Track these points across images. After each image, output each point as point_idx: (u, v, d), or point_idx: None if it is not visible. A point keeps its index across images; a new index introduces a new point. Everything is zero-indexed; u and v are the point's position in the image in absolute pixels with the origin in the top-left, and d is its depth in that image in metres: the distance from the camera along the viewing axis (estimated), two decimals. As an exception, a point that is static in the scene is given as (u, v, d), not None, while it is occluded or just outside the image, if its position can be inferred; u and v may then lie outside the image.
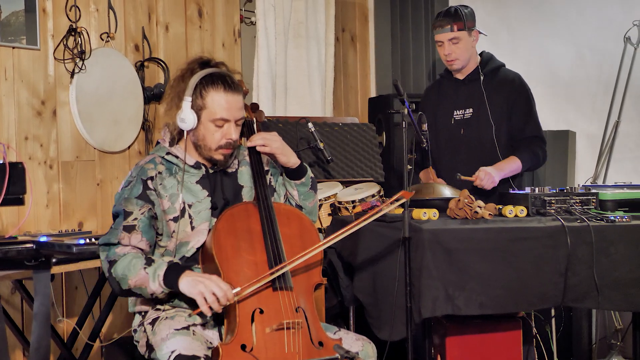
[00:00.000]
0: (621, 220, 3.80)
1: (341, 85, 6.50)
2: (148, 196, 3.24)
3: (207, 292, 3.00)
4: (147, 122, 5.00)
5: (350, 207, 4.65)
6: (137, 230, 3.19)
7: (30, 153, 4.38)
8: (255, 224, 3.26)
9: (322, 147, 4.90)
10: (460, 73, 4.81)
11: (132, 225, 3.19)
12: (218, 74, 3.28)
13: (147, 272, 3.08)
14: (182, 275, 3.07)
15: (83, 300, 4.52)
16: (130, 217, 3.19)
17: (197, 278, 3.05)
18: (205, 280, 3.03)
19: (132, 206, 3.21)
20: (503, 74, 4.80)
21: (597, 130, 6.00)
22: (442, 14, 4.73)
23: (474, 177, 4.42)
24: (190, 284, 3.04)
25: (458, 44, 4.67)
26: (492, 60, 4.83)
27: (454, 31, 4.65)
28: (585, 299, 3.74)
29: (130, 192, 3.23)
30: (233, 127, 3.29)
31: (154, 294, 3.12)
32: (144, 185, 3.24)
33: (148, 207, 3.22)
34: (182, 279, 3.06)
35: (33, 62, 4.41)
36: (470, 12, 4.73)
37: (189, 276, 3.07)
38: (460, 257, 3.60)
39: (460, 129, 4.76)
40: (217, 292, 3.01)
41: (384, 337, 3.73)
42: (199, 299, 3.01)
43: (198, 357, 3.00)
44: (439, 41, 4.72)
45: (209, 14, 5.42)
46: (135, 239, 3.18)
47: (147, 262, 3.11)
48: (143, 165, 3.30)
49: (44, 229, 4.37)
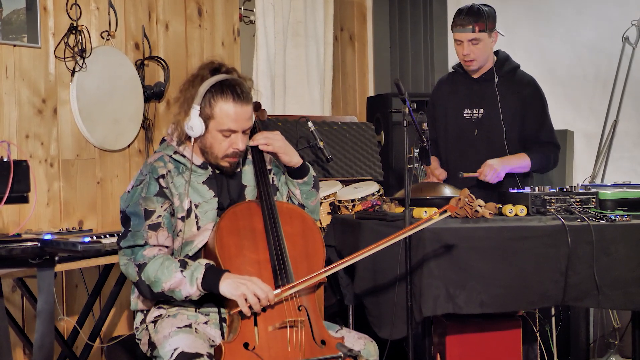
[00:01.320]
0: (621, 220, 3.82)
1: (340, 84, 6.52)
2: (165, 193, 3.23)
3: (249, 293, 3.01)
4: (147, 120, 5.01)
5: (350, 206, 4.66)
6: (163, 227, 3.19)
7: (31, 151, 4.38)
8: (258, 222, 3.27)
9: (322, 146, 4.90)
10: (476, 72, 4.73)
11: (157, 223, 3.18)
12: (228, 82, 3.24)
13: (184, 276, 3.08)
14: (222, 277, 3.07)
15: (83, 299, 4.52)
16: (154, 215, 3.18)
17: (238, 280, 3.05)
18: (247, 282, 3.04)
19: (153, 204, 3.19)
20: (519, 76, 4.71)
21: (595, 130, 6.01)
22: (464, 12, 4.57)
23: (478, 172, 4.41)
24: (232, 285, 3.04)
25: (478, 45, 4.55)
26: (509, 61, 4.74)
27: (475, 32, 4.52)
28: (585, 298, 3.74)
29: (148, 190, 3.21)
30: (240, 136, 3.27)
31: (188, 296, 3.11)
32: (157, 183, 3.23)
33: (169, 203, 3.22)
34: (223, 281, 3.06)
35: (34, 60, 4.41)
36: (492, 12, 4.60)
37: (230, 278, 3.06)
38: (461, 256, 3.60)
39: (470, 128, 4.71)
40: (259, 294, 3.02)
41: (385, 336, 3.74)
42: (240, 301, 3.02)
43: (201, 355, 3.00)
44: (459, 40, 4.59)
45: (208, 12, 5.42)
46: (162, 237, 3.18)
47: (182, 264, 3.10)
48: (153, 164, 3.29)
49: (44, 227, 4.37)
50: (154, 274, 3.09)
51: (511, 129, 4.61)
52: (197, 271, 3.08)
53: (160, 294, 3.12)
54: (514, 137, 4.62)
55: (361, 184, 4.95)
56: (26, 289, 4.14)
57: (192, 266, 3.10)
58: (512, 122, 4.62)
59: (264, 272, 3.17)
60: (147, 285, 3.11)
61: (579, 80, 6.16)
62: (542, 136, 4.63)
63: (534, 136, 4.63)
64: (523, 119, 4.64)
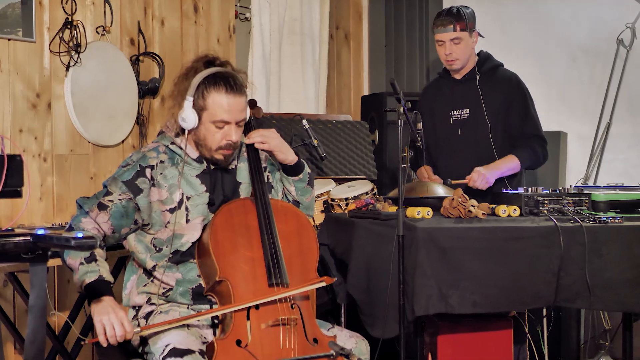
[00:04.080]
0: (614, 222, 3.82)
1: (334, 83, 6.52)
2: (137, 185, 3.23)
3: (107, 324, 3.01)
4: (141, 116, 5.00)
5: (344, 205, 4.66)
6: (107, 212, 3.19)
7: (24, 146, 4.37)
8: (253, 220, 3.27)
9: (316, 144, 4.90)
10: (458, 73, 4.81)
11: (105, 205, 3.20)
12: (221, 74, 3.26)
13: (79, 268, 3.09)
14: (100, 298, 3.06)
15: (75, 294, 4.51)
16: (108, 197, 3.21)
17: (107, 308, 3.04)
18: (111, 313, 3.02)
19: (115, 188, 3.22)
20: (500, 73, 4.79)
21: (588, 132, 6.03)
22: (444, 13, 4.71)
23: (468, 179, 4.43)
24: (99, 311, 3.03)
25: (459, 44, 4.66)
26: (490, 59, 4.83)
27: (457, 31, 4.63)
28: (577, 299, 3.75)
29: (122, 175, 3.25)
30: (234, 128, 3.28)
31: (76, 283, 3.13)
32: (138, 173, 3.24)
33: (128, 196, 3.22)
34: (97, 302, 3.06)
35: (29, 55, 4.40)
36: (472, 13, 4.72)
37: (103, 302, 3.05)
38: (454, 256, 3.61)
39: (457, 129, 4.76)
40: (117, 329, 3.01)
41: (377, 335, 3.74)
42: (99, 328, 3.02)
43: (192, 351, 3.00)
44: (440, 40, 4.69)
45: (204, 9, 5.42)
46: (101, 219, 3.19)
47: (90, 258, 3.12)
48: (145, 153, 3.31)
49: (37, 222, 4.36)
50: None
51: (496, 125, 4.67)
52: (89, 275, 3.08)
53: (63, 261, 3.16)
54: (499, 134, 4.68)
55: (355, 182, 4.95)
56: (18, 284, 4.13)
57: (91, 267, 3.10)
58: (496, 119, 4.68)
59: (257, 269, 3.18)
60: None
61: (573, 82, 6.18)
62: (527, 130, 4.68)
63: (519, 130, 4.68)
64: (507, 114, 4.69)
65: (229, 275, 3.13)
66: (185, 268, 3.28)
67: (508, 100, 4.70)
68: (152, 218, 3.28)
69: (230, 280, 3.12)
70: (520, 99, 4.71)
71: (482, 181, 4.42)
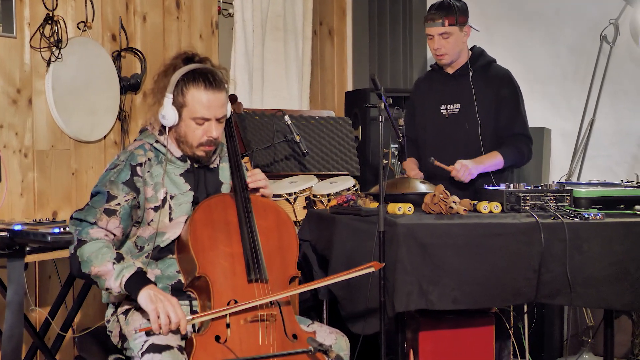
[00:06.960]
0: (595, 218, 3.82)
1: (318, 79, 6.51)
2: (134, 183, 3.23)
3: (162, 311, 2.99)
4: (123, 112, 4.98)
5: (326, 201, 4.66)
6: (117, 216, 3.17)
7: (5, 141, 4.34)
8: (232, 215, 3.27)
9: (298, 140, 4.90)
10: (450, 67, 4.76)
11: (113, 210, 3.17)
12: (200, 70, 3.26)
13: (114, 268, 3.06)
14: (145, 286, 3.05)
15: (56, 290, 4.49)
16: (114, 201, 3.18)
17: (158, 295, 3.03)
18: (165, 301, 3.01)
19: (118, 191, 3.19)
20: (493, 70, 4.75)
21: (572, 128, 6.04)
22: (434, 7, 4.66)
23: (451, 168, 4.42)
24: (150, 298, 3.01)
25: (448, 39, 4.61)
26: (483, 55, 4.78)
27: (445, 26, 4.58)
28: (557, 296, 3.75)
29: (118, 176, 3.22)
30: (214, 124, 3.28)
31: (109, 289, 3.09)
32: (132, 172, 3.23)
33: (133, 196, 3.21)
34: (144, 289, 3.04)
35: (9, 50, 4.38)
36: (463, 7, 4.67)
37: (152, 290, 3.04)
38: (435, 252, 3.60)
39: (447, 124, 4.73)
40: (172, 317, 2.99)
41: (357, 331, 3.74)
42: (152, 315, 2.99)
43: (171, 347, 2.99)
44: (430, 35, 4.66)
45: (186, 4, 5.40)
46: (112, 224, 3.16)
47: (117, 257, 3.09)
48: (133, 151, 3.30)
49: (17, 218, 4.34)
50: (88, 255, 3.07)
51: (486, 122, 4.64)
52: (127, 270, 3.06)
53: (86, 275, 3.10)
54: (489, 131, 4.65)
55: (337, 178, 4.95)
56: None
57: (125, 263, 3.08)
58: (487, 116, 4.65)
59: (237, 265, 3.17)
60: (78, 262, 3.09)
61: (557, 78, 6.18)
62: (515, 128, 4.66)
63: (508, 129, 4.65)
64: (498, 112, 4.67)
65: (208, 271, 3.12)
66: (164, 264, 3.28)
67: (500, 98, 4.66)
68: (143, 216, 3.28)
69: (209, 276, 3.11)
70: (512, 97, 4.69)
71: (464, 173, 4.41)
